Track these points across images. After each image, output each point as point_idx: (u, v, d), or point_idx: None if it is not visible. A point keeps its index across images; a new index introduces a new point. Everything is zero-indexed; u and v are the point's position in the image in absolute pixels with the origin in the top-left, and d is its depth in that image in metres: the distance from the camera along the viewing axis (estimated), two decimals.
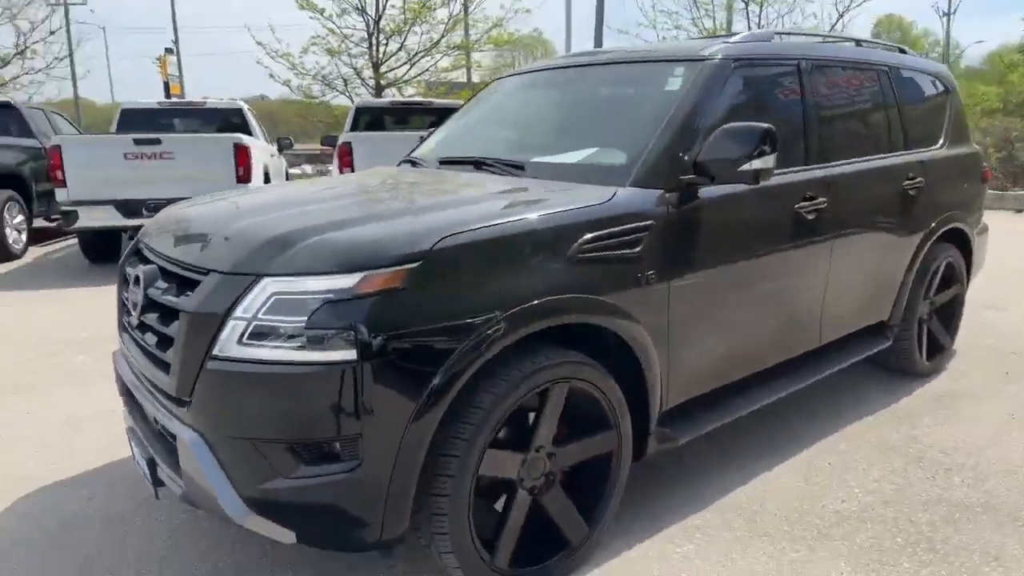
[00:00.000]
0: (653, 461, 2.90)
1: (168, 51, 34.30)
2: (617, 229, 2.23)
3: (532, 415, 2.14)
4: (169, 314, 2.00)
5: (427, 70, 14.77)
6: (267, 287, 1.80)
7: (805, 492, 2.75)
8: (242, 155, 7.02)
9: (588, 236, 2.15)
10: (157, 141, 6.85)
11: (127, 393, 2.38)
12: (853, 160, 3.19)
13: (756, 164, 2.37)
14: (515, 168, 2.69)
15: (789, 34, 3.50)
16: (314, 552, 2.29)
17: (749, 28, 16.72)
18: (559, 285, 2.06)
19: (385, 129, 9.54)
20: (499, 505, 2.15)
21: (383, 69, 14.89)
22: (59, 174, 6.66)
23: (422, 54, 14.75)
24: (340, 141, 7.29)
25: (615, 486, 2.35)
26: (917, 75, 3.85)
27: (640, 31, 17.06)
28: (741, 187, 2.57)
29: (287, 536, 1.86)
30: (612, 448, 2.32)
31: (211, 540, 2.44)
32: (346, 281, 1.76)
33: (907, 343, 3.74)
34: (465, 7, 14.17)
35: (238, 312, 1.81)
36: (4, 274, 7.22)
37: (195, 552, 2.38)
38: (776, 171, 2.79)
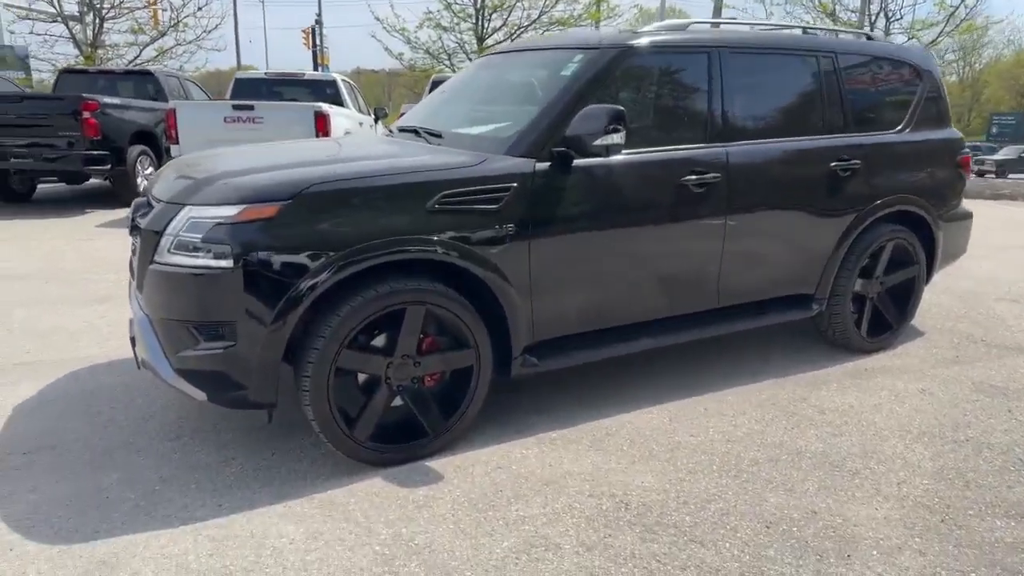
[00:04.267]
0: (543, 390, 3.45)
1: (317, 22, 37.35)
2: (476, 188, 2.77)
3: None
4: (138, 231, 2.81)
5: None
6: (187, 213, 2.54)
7: (663, 426, 3.18)
8: (321, 122, 7.99)
9: (446, 192, 2.71)
10: (251, 107, 7.96)
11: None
12: (762, 140, 3.48)
13: (607, 140, 2.82)
14: (435, 137, 3.29)
15: (718, 23, 3.78)
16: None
17: (868, 6, 15.84)
18: (413, 229, 2.65)
19: None
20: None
21: (489, 42, 15.62)
22: (173, 133, 7.95)
23: (523, 29, 15.33)
24: (401, 109, 8.09)
25: (474, 393, 2.92)
26: (875, 61, 3.99)
27: (748, 5, 16.53)
28: (615, 159, 3.02)
29: (200, 395, 2.61)
30: (471, 364, 2.89)
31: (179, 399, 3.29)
32: (231, 211, 2.46)
33: (839, 318, 3.96)
34: None
35: (169, 230, 2.56)
36: None
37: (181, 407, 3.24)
38: (666, 148, 3.22)
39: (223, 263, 2.45)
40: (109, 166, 8.67)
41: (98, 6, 15.65)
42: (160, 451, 2.94)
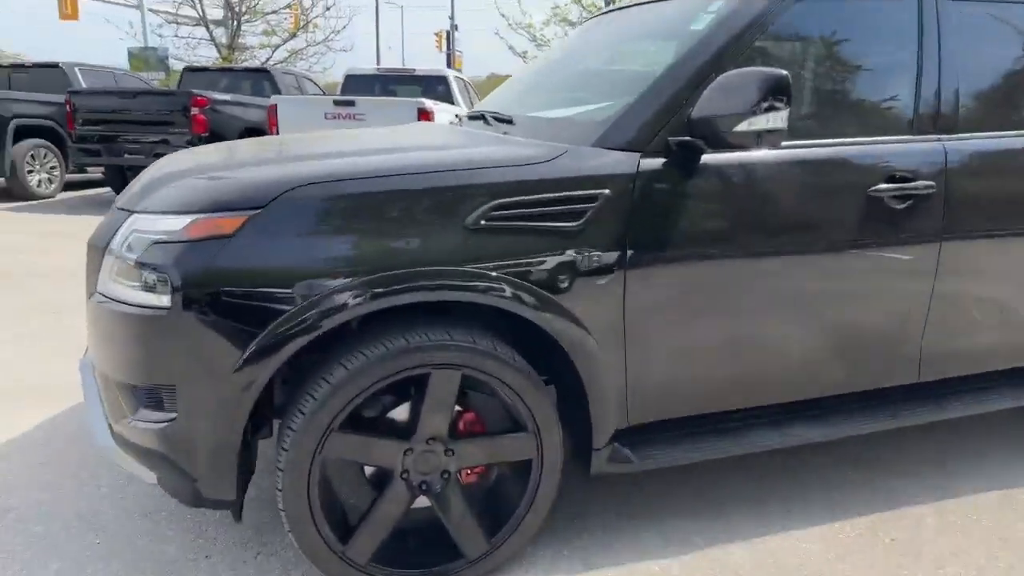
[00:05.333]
0: (641, 493, 2.44)
1: (453, 27, 38.29)
2: (545, 196, 1.83)
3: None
4: None
5: None
6: (132, 224, 1.78)
7: (821, 569, 2.07)
8: (425, 118, 7.34)
9: (498, 201, 1.79)
10: (352, 103, 7.45)
11: None
12: (996, 134, 2.28)
13: (758, 123, 1.78)
14: (504, 123, 2.37)
15: None
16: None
17: None
18: (442, 256, 1.75)
19: None
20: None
21: None
22: (274, 129, 7.59)
23: None
24: None
25: (532, 500, 1.97)
26: None
27: None
28: (768, 155, 1.98)
29: (148, 476, 1.85)
30: (531, 456, 1.95)
31: None
32: (175, 223, 1.67)
33: None
34: None
35: (112, 247, 1.81)
36: None
37: None
38: (847, 141, 2.15)
39: (160, 299, 1.66)
40: None
41: (236, 9, 16.20)
42: (123, 533, 2.23)
